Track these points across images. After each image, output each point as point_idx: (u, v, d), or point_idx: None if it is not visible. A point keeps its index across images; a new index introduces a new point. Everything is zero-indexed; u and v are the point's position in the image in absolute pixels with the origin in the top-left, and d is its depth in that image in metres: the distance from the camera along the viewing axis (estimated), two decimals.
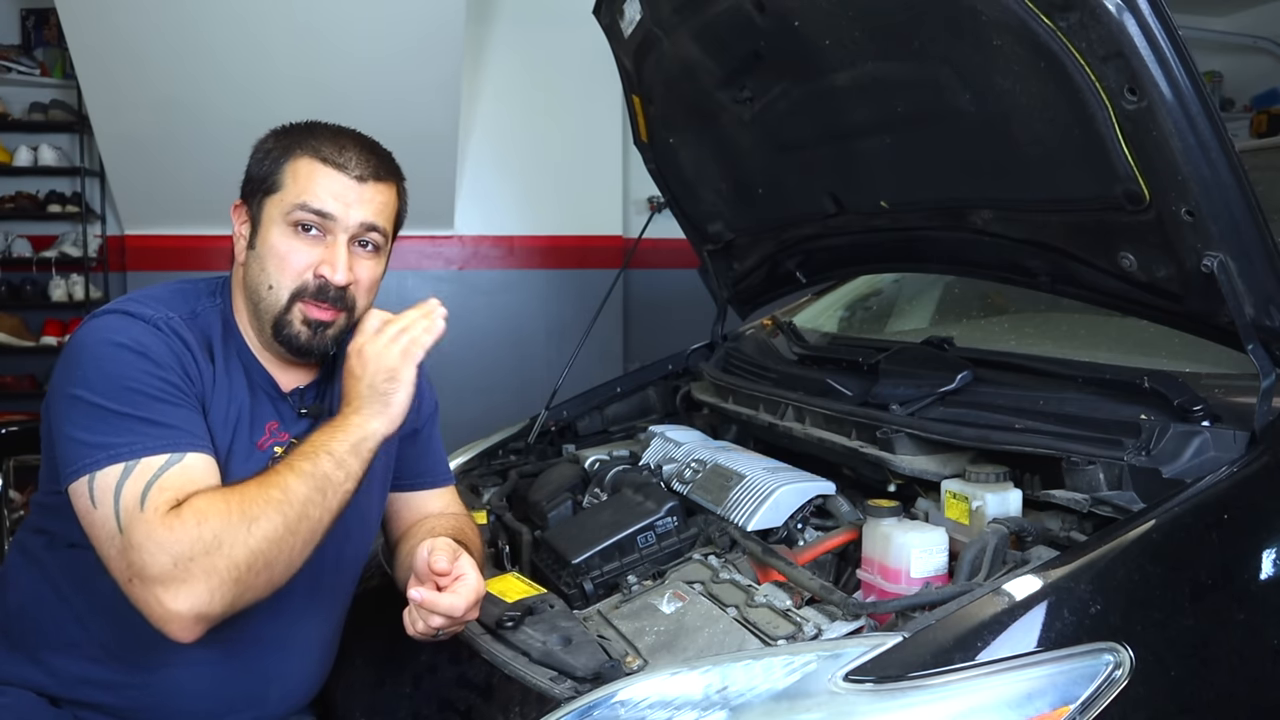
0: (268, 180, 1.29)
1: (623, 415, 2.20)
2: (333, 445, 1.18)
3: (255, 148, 1.34)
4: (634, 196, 5.48)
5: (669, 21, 1.73)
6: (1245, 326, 1.14)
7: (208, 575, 1.07)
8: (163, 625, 1.08)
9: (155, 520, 1.08)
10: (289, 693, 1.35)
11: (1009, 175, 1.37)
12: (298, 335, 1.28)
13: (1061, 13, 1.11)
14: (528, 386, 4.43)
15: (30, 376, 4.88)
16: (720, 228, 2.09)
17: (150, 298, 1.27)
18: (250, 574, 1.10)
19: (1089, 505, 1.19)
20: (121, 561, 1.09)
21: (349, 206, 1.28)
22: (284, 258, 1.27)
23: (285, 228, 1.27)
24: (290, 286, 1.27)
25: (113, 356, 1.18)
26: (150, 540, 1.07)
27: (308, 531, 1.14)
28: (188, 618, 1.07)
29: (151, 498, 1.10)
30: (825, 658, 0.96)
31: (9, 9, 4.98)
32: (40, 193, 4.90)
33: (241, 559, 1.09)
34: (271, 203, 1.29)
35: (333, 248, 1.27)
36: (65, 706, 1.27)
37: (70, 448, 1.15)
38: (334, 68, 4.30)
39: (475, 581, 1.20)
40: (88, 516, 1.12)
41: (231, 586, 1.09)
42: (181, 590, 1.07)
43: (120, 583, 1.10)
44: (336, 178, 1.28)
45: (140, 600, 1.09)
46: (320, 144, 1.29)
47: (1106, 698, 0.93)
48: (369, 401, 1.22)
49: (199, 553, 1.07)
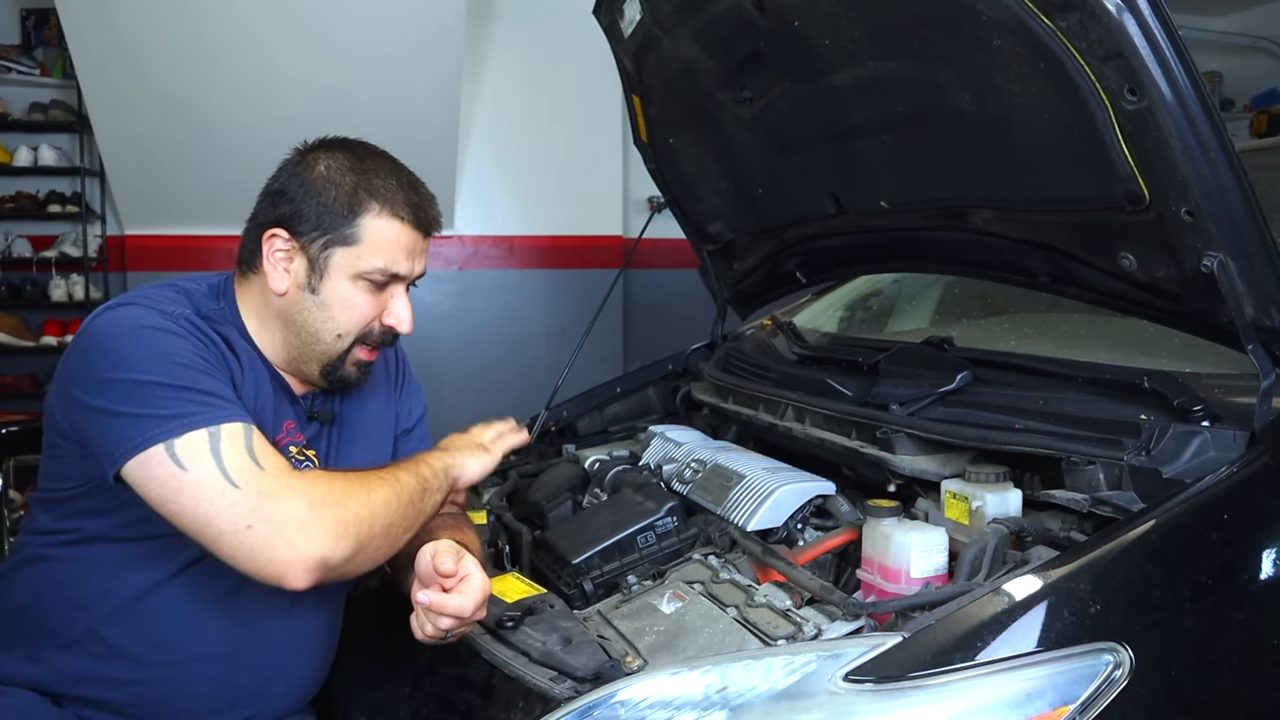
0: (340, 231, 1.28)
1: (623, 415, 2.20)
2: (430, 460, 1.32)
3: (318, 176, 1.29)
4: (634, 196, 5.48)
5: (669, 21, 1.73)
6: (1245, 326, 1.14)
7: (337, 523, 1.14)
8: (284, 569, 1.11)
9: (283, 472, 1.15)
10: (291, 689, 1.36)
11: (1009, 175, 1.37)
12: (349, 375, 1.35)
13: (1061, 13, 1.11)
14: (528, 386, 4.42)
15: (30, 376, 4.88)
16: (720, 228, 2.09)
17: (158, 297, 1.27)
18: (368, 531, 1.17)
19: (1089, 505, 1.19)
20: (240, 508, 1.11)
21: (414, 260, 1.33)
22: (356, 309, 1.31)
23: (358, 281, 1.30)
24: (355, 334, 1.32)
25: (150, 338, 1.19)
26: (286, 487, 1.13)
27: (411, 518, 1.24)
28: (313, 559, 1.12)
29: (264, 459, 1.15)
30: (825, 658, 0.96)
31: (9, 9, 4.98)
32: (40, 193, 4.90)
33: (365, 515, 1.17)
34: (344, 255, 1.28)
35: (400, 299, 1.34)
36: (67, 705, 1.27)
37: (125, 424, 1.14)
38: (334, 68, 4.30)
39: (481, 581, 1.20)
40: (172, 481, 1.12)
41: (354, 540, 1.15)
42: (314, 532, 1.12)
43: (226, 535, 1.11)
44: (412, 236, 1.31)
45: (264, 544, 1.11)
46: (395, 197, 1.30)
47: (1106, 698, 0.93)
48: (461, 451, 1.38)
49: (330, 502, 1.14)
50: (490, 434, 1.44)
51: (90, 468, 1.20)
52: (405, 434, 1.55)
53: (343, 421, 1.44)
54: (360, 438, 1.45)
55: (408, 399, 1.56)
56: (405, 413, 1.55)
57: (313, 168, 1.30)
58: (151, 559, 1.25)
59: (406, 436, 1.55)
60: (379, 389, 1.51)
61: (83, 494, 1.24)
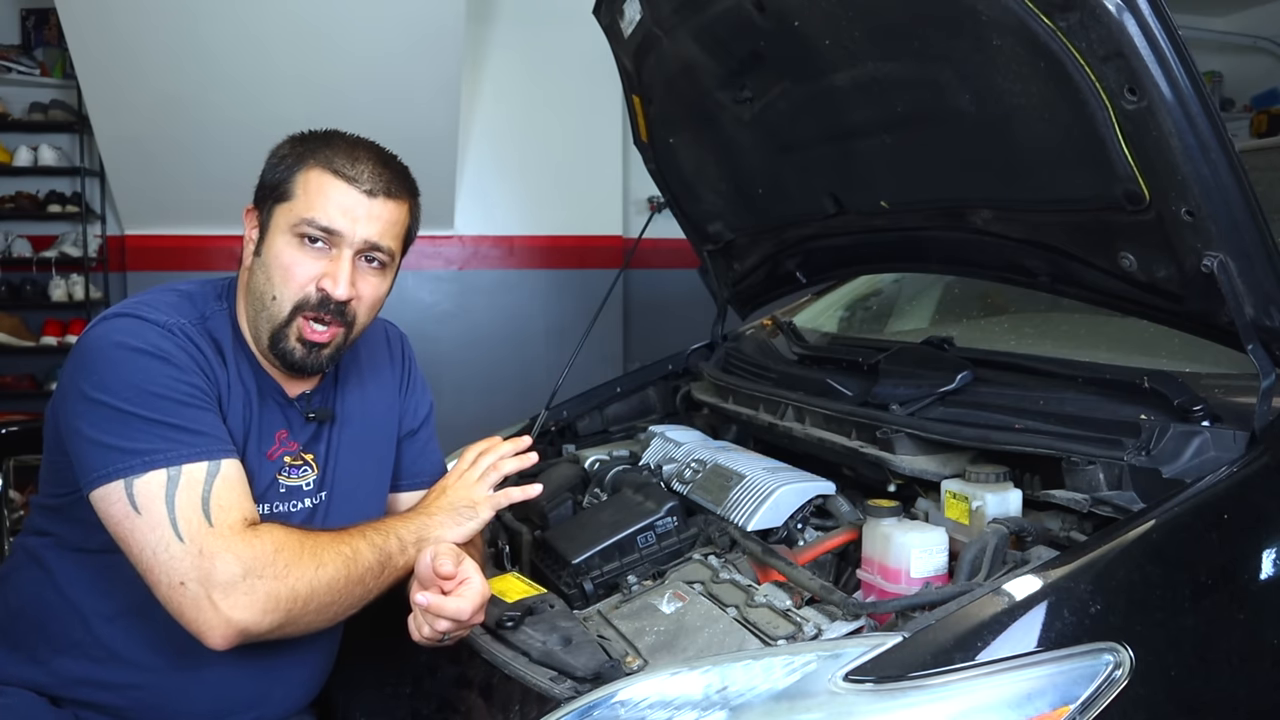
0: (279, 188, 1.28)
1: (623, 415, 2.20)
2: (402, 531, 1.30)
3: (271, 152, 1.32)
4: (634, 196, 5.48)
5: (669, 21, 1.73)
6: (1245, 326, 1.14)
7: (268, 596, 1.14)
8: (205, 630, 1.12)
9: (229, 534, 1.14)
10: (291, 693, 1.35)
11: (1009, 175, 1.37)
12: (292, 351, 1.28)
13: (1061, 13, 1.11)
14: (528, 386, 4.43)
15: (30, 376, 4.88)
16: (720, 228, 2.09)
17: (159, 303, 1.26)
18: (301, 609, 1.17)
19: (1089, 505, 1.19)
20: (179, 564, 1.12)
21: (356, 222, 1.26)
22: (288, 269, 1.26)
23: (291, 239, 1.26)
24: (293, 298, 1.27)
25: (131, 361, 1.18)
26: (228, 551, 1.13)
27: (358, 596, 1.23)
28: (235, 628, 1.13)
29: (216, 514, 1.15)
30: (825, 658, 0.96)
31: (9, 9, 4.98)
32: (40, 193, 4.90)
33: (302, 593, 1.16)
34: (280, 211, 1.27)
35: (336, 261, 1.26)
36: (66, 706, 1.27)
37: (94, 452, 1.15)
38: (334, 68, 4.30)
39: (480, 584, 1.20)
40: (126, 521, 1.14)
41: (283, 614, 1.15)
42: (241, 602, 1.12)
43: (162, 585, 1.13)
44: (347, 191, 1.26)
45: (190, 603, 1.12)
46: (334, 155, 1.28)
47: (1106, 698, 0.93)
48: (446, 514, 1.35)
49: (269, 574, 1.14)
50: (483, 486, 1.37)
51: None
52: (410, 435, 1.52)
53: (344, 421, 1.42)
54: (362, 438, 1.43)
55: (413, 398, 1.54)
56: (410, 413, 1.53)
57: (281, 146, 1.33)
58: None
59: (412, 438, 1.52)
60: (383, 386, 1.49)
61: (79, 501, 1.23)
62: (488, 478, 1.38)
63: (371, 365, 1.49)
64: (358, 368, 1.46)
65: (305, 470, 1.35)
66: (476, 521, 1.36)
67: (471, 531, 1.36)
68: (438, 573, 1.18)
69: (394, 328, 1.58)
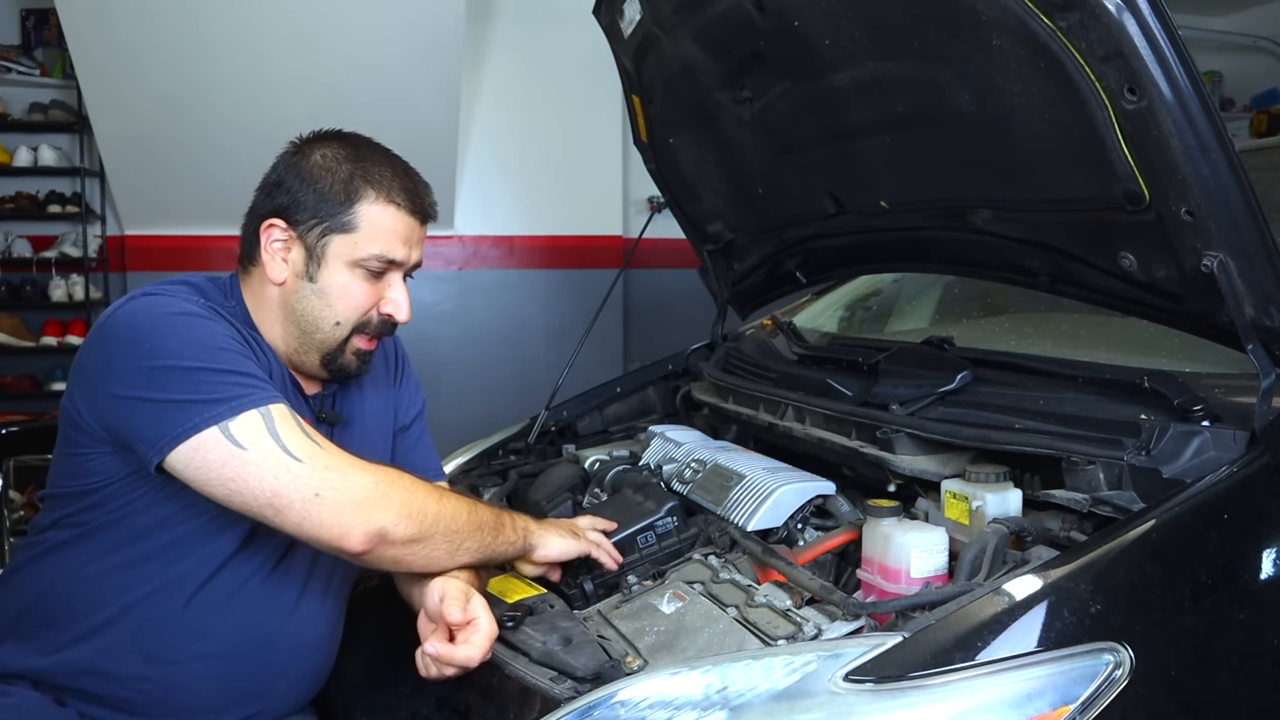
0: (338, 218, 1.29)
1: (623, 415, 2.20)
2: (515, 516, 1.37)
3: (314, 165, 1.30)
4: (634, 196, 5.48)
5: (669, 21, 1.73)
6: (1245, 326, 1.14)
7: (403, 504, 1.18)
8: (348, 530, 1.14)
9: (343, 456, 1.18)
10: (294, 687, 1.36)
11: (1009, 175, 1.37)
12: (348, 365, 1.35)
13: (1061, 13, 1.11)
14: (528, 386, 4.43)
15: (30, 376, 4.88)
16: (720, 228, 2.09)
17: (172, 290, 1.28)
18: (432, 527, 1.21)
19: (1089, 505, 1.19)
20: (308, 480, 1.13)
21: (411, 249, 1.34)
22: (354, 297, 1.31)
23: (356, 269, 1.31)
24: (355, 323, 1.33)
25: (186, 323, 1.20)
26: (351, 464, 1.18)
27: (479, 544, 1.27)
28: (376, 525, 1.16)
29: (320, 441, 1.18)
30: (825, 658, 0.96)
31: (9, 9, 4.98)
32: (40, 193, 4.90)
33: (431, 511, 1.21)
34: (341, 242, 1.30)
35: (397, 288, 1.34)
36: (71, 702, 1.27)
37: (171, 411, 1.15)
38: (334, 68, 4.31)
39: (488, 626, 1.19)
40: (234, 461, 1.13)
41: (417, 525, 1.19)
42: (381, 504, 1.16)
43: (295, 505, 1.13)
44: (407, 223, 1.32)
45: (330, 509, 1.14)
46: (391, 185, 1.31)
47: (1106, 698, 0.93)
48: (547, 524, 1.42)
49: (400, 487, 1.19)
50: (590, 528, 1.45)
51: (114, 464, 1.21)
52: (404, 430, 1.55)
53: (347, 423, 1.44)
54: (360, 437, 1.45)
55: (406, 393, 1.57)
56: (404, 408, 1.56)
57: (309, 157, 1.32)
58: (158, 558, 1.25)
59: (405, 432, 1.55)
60: (378, 383, 1.51)
61: (99, 489, 1.25)
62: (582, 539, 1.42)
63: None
64: None
65: None
66: (573, 544, 1.39)
67: (563, 551, 1.39)
68: (447, 621, 1.18)
69: None
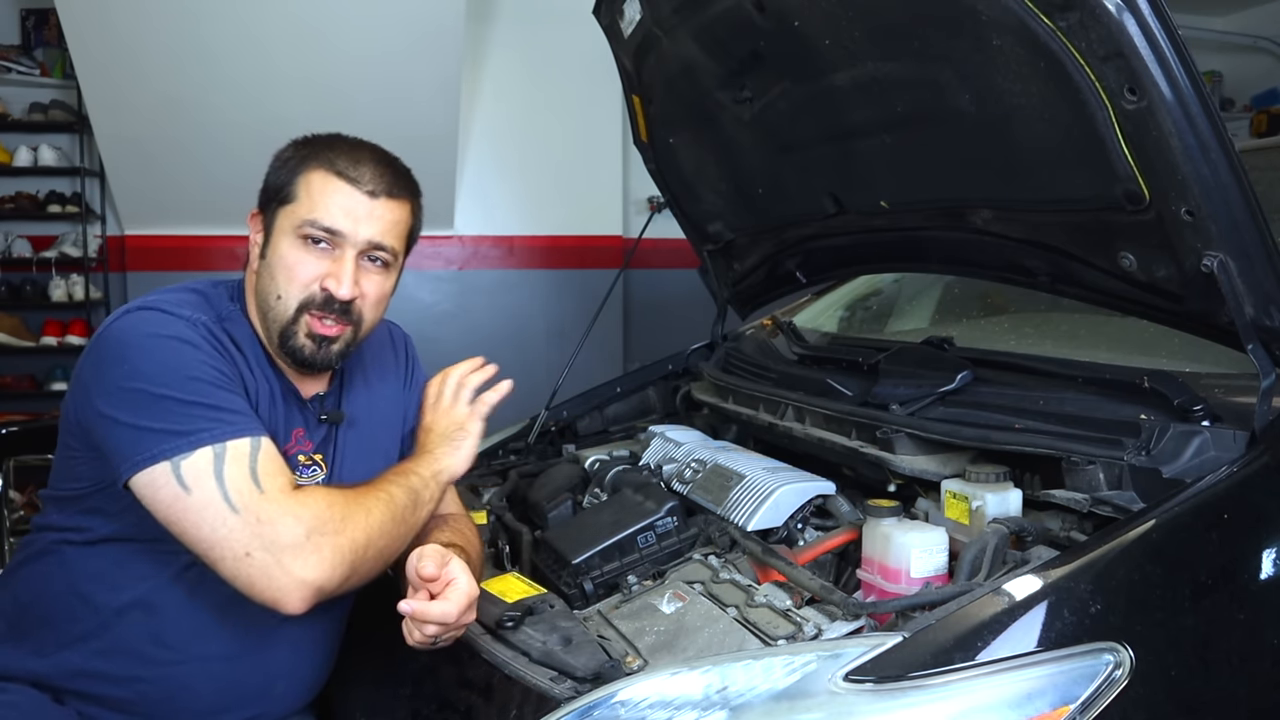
0: (282, 191, 1.31)
1: (623, 415, 2.20)
2: (419, 468, 1.35)
3: (275, 156, 1.35)
4: (634, 196, 5.48)
5: (669, 21, 1.73)
6: (1245, 326, 1.14)
7: (334, 550, 1.17)
8: (281, 595, 1.14)
9: (283, 498, 1.17)
10: (294, 688, 1.36)
11: (1009, 175, 1.37)
12: (302, 348, 1.31)
13: (1061, 13, 1.11)
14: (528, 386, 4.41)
15: (30, 377, 4.88)
16: (720, 228, 2.09)
17: (178, 300, 1.28)
18: (362, 557, 1.20)
19: (1089, 505, 1.19)
20: (240, 536, 1.13)
21: (358, 223, 1.29)
22: (292, 269, 1.29)
23: (295, 240, 1.29)
24: (298, 297, 1.29)
25: (165, 348, 1.20)
26: (285, 514, 1.15)
27: (403, 535, 1.28)
28: (310, 586, 1.15)
29: (265, 481, 1.17)
30: (825, 658, 0.96)
31: (9, 9, 4.98)
32: (40, 193, 4.90)
33: (360, 541, 1.20)
34: (284, 214, 1.30)
35: (340, 261, 1.30)
36: (69, 702, 1.27)
37: (134, 437, 1.16)
38: (334, 68, 4.30)
39: (466, 585, 1.19)
40: (177, 503, 1.14)
41: (349, 564, 1.18)
42: (311, 560, 1.15)
43: (227, 561, 1.14)
44: (349, 193, 1.29)
45: (260, 572, 1.13)
46: (336, 157, 1.30)
47: (1106, 698, 0.93)
48: (441, 446, 1.40)
49: (329, 529, 1.17)
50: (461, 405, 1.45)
51: (102, 470, 1.22)
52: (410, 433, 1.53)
53: (352, 423, 1.43)
54: (368, 438, 1.44)
55: (417, 397, 1.55)
56: (414, 411, 1.54)
57: (284, 150, 1.35)
58: (158, 558, 1.26)
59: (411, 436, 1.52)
60: (387, 384, 1.51)
61: (93, 494, 1.25)
62: (460, 397, 1.46)
63: (377, 366, 1.51)
64: (363, 369, 1.49)
65: (315, 470, 1.36)
66: (472, 439, 1.42)
67: (471, 452, 1.41)
68: (421, 575, 1.18)
69: (398, 329, 1.61)
